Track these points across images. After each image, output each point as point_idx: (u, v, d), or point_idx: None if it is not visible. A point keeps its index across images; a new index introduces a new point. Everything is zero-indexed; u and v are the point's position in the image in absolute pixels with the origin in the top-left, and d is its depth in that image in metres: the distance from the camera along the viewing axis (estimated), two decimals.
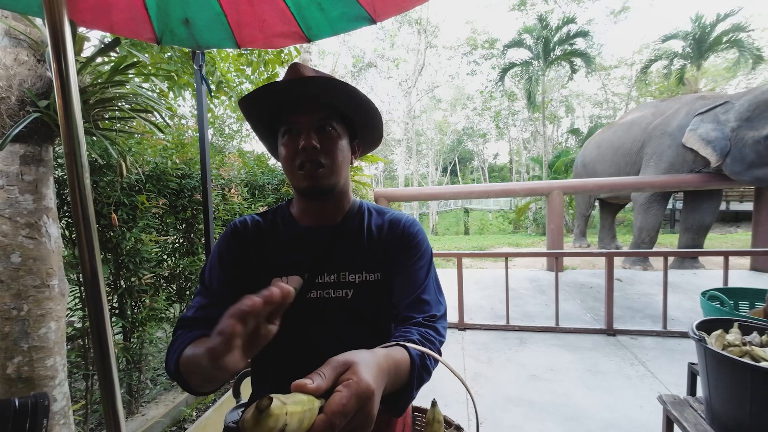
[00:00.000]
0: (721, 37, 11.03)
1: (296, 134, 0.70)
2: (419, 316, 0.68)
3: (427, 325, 0.67)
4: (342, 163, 0.72)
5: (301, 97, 0.70)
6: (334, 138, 0.71)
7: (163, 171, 2.18)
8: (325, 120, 0.70)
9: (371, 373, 0.44)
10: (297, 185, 0.72)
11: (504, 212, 17.71)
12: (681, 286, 4.20)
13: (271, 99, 0.71)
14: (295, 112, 0.70)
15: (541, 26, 12.55)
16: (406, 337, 0.61)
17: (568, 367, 2.54)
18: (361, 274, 0.73)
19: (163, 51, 2.73)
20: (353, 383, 0.40)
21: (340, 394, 0.38)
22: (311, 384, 0.38)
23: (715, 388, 1.16)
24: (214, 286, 0.71)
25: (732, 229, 11.11)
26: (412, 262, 0.74)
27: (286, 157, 0.71)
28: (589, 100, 21.23)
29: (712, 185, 5.13)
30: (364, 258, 0.74)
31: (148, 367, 2.27)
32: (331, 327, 0.71)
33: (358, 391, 0.39)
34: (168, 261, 2.39)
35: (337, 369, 0.42)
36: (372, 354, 0.48)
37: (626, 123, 6.62)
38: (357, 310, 0.72)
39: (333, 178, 0.71)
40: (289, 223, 0.78)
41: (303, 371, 0.64)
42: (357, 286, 0.72)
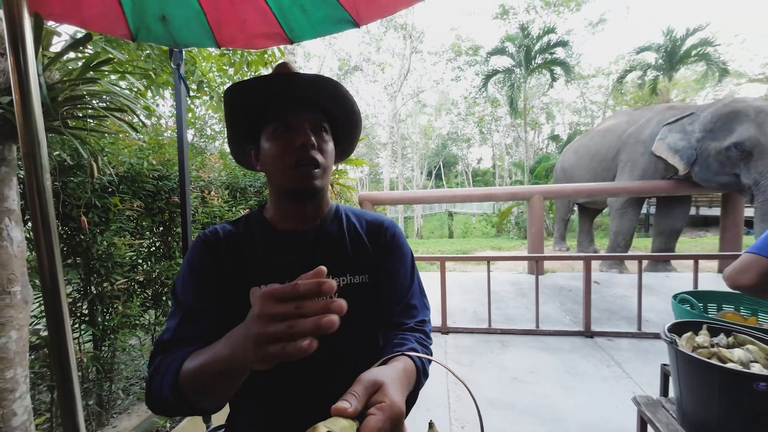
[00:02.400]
0: (690, 50, 11.62)
1: (289, 132, 0.67)
2: (410, 321, 0.71)
3: (419, 330, 0.71)
4: (331, 166, 0.72)
5: (299, 95, 0.68)
6: (326, 140, 0.70)
7: (138, 172, 2.10)
8: (320, 120, 0.70)
9: (399, 392, 0.47)
10: (289, 185, 0.68)
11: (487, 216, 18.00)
12: (655, 289, 4.36)
13: (263, 93, 0.67)
14: (290, 110, 0.67)
15: (523, 35, 12.88)
16: (406, 344, 0.65)
17: (547, 369, 2.58)
18: (345, 277, 0.72)
19: (141, 49, 2.65)
20: (386, 406, 0.43)
21: (376, 418, 0.41)
22: (350, 408, 0.41)
23: (685, 389, 1.20)
24: (189, 301, 0.66)
25: (702, 233, 11.64)
26: (397, 267, 0.75)
27: (277, 155, 0.67)
28: (568, 108, 21.90)
29: (682, 191, 5.37)
30: (347, 261, 0.73)
31: (120, 377, 2.17)
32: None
33: (392, 414, 0.42)
34: (143, 265, 2.31)
35: (369, 389, 0.45)
36: (394, 371, 0.51)
37: (602, 130, 6.86)
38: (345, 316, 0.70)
39: (325, 179, 0.70)
40: (267, 229, 0.74)
41: (292, 379, 0.65)
42: (342, 290, 0.71)
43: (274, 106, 0.68)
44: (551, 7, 16.84)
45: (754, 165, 4.44)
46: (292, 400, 0.67)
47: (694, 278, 3.07)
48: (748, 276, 1.02)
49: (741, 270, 1.04)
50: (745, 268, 1.03)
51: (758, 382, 1.01)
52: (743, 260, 1.04)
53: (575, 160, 7.27)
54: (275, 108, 0.68)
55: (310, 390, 0.67)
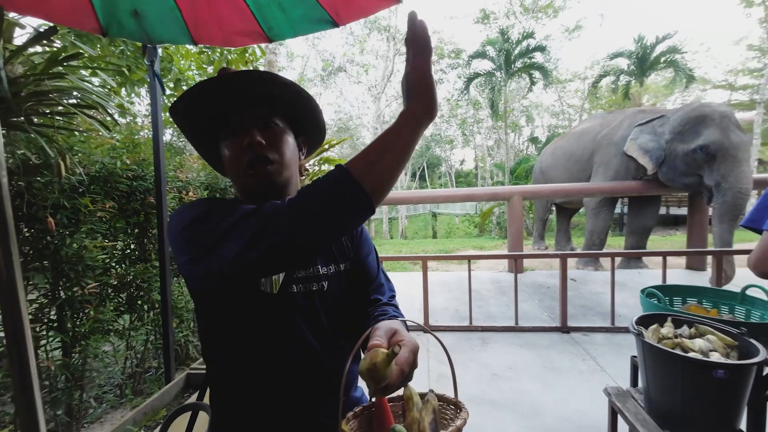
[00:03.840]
0: (659, 57, 12.17)
1: (238, 134, 0.67)
2: (383, 297, 0.82)
3: (391, 304, 0.82)
4: (291, 159, 0.72)
5: (237, 96, 0.67)
6: (278, 133, 0.70)
7: (111, 172, 2.03)
8: (266, 116, 0.69)
9: (408, 334, 0.61)
10: (247, 185, 0.69)
11: (470, 216, 18.25)
12: (627, 285, 4.54)
13: (205, 106, 0.67)
14: (233, 112, 0.67)
15: (503, 39, 13.16)
16: (387, 313, 0.75)
17: (526, 364, 2.65)
18: (331, 266, 0.77)
19: (115, 44, 2.56)
20: (408, 342, 0.56)
21: (403, 350, 0.54)
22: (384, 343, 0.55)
23: (652, 379, 1.26)
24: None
25: (671, 232, 12.19)
26: (367, 254, 0.86)
27: (231, 159, 0.68)
28: (547, 111, 22.49)
29: (652, 191, 5.62)
30: (332, 251, 0.79)
31: (93, 385, 2.09)
32: (312, 319, 0.73)
33: (412, 347, 0.56)
34: (117, 268, 2.23)
35: (388, 333, 0.59)
36: (397, 323, 0.64)
37: (578, 132, 7.09)
38: (332, 300, 0.76)
39: (284, 173, 0.70)
40: None
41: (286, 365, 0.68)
42: (330, 277, 0.76)
43: (219, 112, 0.68)
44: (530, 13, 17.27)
45: (716, 167, 4.69)
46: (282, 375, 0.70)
47: (663, 274, 3.22)
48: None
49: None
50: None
51: (716, 370, 1.08)
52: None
53: (553, 162, 7.48)
54: (221, 116, 0.68)
55: (299, 371, 0.70)
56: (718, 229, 4.68)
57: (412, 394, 0.59)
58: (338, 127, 20.97)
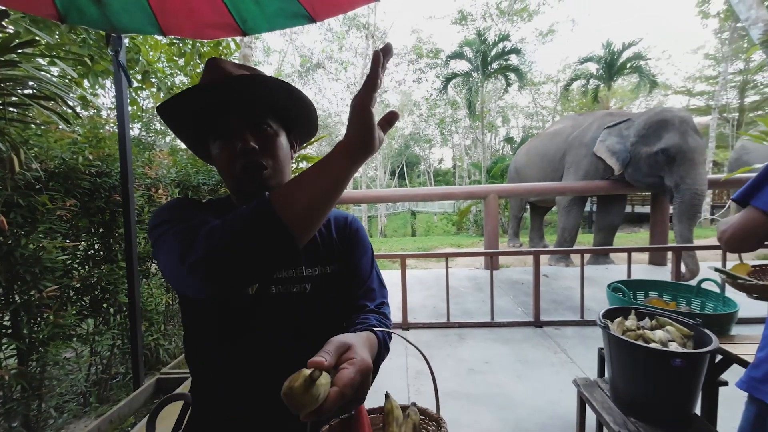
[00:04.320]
0: (625, 63, 12.78)
1: (230, 137, 0.65)
2: (371, 304, 0.77)
3: (378, 311, 0.77)
4: (284, 161, 0.70)
5: (229, 97, 0.65)
6: (272, 136, 0.68)
7: (72, 168, 1.92)
8: (259, 118, 0.67)
9: (366, 351, 0.52)
10: (241, 191, 0.68)
11: (448, 215, 18.52)
12: (596, 280, 4.75)
13: (194, 104, 0.65)
14: (224, 114, 0.65)
15: (480, 41, 13.41)
16: (367, 322, 0.69)
17: (501, 359, 2.72)
18: (317, 268, 0.75)
19: (76, 32, 2.41)
20: (357, 361, 0.48)
21: (348, 371, 0.46)
22: (326, 361, 0.45)
23: (617, 369, 1.33)
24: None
25: (636, 229, 12.87)
26: (360, 256, 0.81)
27: (223, 162, 0.66)
28: (521, 112, 23.13)
29: (619, 191, 5.91)
30: (318, 252, 0.76)
31: (53, 394, 1.97)
32: (292, 322, 0.71)
33: (361, 368, 0.47)
34: (79, 270, 2.11)
35: (339, 349, 0.49)
36: (359, 336, 0.56)
37: (551, 133, 7.34)
38: (315, 302, 0.73)
39: (278, 178, 0.69)
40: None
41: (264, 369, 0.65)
42: (314, 279, 0.73)
43: (208, 112, 0.66)
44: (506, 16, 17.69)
45: (676, 169, 5.00)
46: (259, 385, 0.68)
47: (628, 269, 3.40)
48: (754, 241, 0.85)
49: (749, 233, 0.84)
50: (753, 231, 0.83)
51: (674, 359, 1.15)
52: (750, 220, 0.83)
53: (527, 161, 7.71)
54: (211, 114, 0.66)
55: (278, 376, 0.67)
56: (678, 228, 4.99)
57: (393, 408, 0.57)
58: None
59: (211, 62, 0.66)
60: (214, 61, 0.66)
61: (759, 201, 0.81)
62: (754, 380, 0.86)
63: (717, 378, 1.41)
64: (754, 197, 0.82)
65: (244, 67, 0.69)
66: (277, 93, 0.68)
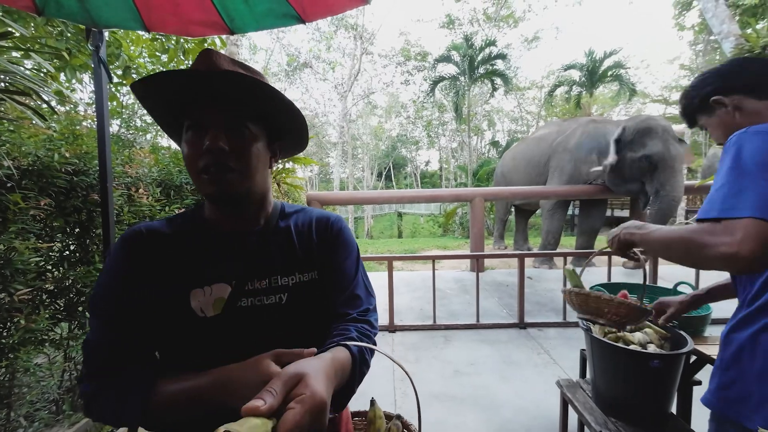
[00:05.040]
0: (606, 71, 13.17)
1: (202, 132, 0.61)
2: (353, 311, 0.71)
3: (362, 320, 0.71)
4: (257, 167, 0.65)
5: (210, 91, 0.60)
6: (247, 139, 0.63)
7: (47, 165, 1.84)
8: (237, 119, 0.62)
9: (322, 382, 0.45)
10: (201, 190, 0.64)
11: (434, 216, 18.67)
12: None
13: (174, 87, 0.61)
14: (200, 107, 0.61)
15: (467, 45, 13.59)
16: (345, 334, 0.64)
17: (486, 360, 2.75)
18: (294, 276, 0.70)
19: (53, 24, 2.32)
20: (307, 398, 0.41)
21: (294, 411, 0.40)
22: (263, 405, 0.39)
23: (598, 370, 1.37)
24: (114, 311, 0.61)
25: None
26: (343, 259, 0.76)
27: (188, 157, 0.62)
28: (507, 116, 23.56)
29: (601, 195, 6.10)
30: (296, 259, 0.72)
31: (22, 402, 1.88)
32: (266, 335, 0.66)
33: (312, 406, 0.41)
34: (54, 272, 2.02)
35: (288, 383, 0.43)
36: (320, 360, 0.50)
37: (536, 138, 7.51)
38: (293, 314, 0.69)
39: (245, 183, 0.64)
40: (207, 229, 0.70)
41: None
42: (291, 289, 0.69)
43: (186, 99, 0.61)
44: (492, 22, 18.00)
45: (657, 176, 5.21)
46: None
47: (608, 271, 3.50)
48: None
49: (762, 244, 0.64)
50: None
51: (653, 360, 1.19)
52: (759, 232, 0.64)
53: (513, 166, 7.85)
54: (188, 102, 0.61)
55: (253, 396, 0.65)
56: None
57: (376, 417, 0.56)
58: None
59: (205, 53, 0.63)
60: (208, 53, 0.63)
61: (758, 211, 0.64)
62: (728, 401, 0.80)
63: (692, 378, 1.47)
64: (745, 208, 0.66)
65: (242, 66, 0.66)
66: (263, 98, 0.64)
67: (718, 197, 0.71)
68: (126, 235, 0.65)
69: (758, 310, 0.77)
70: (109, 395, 0.57)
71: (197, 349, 0.64)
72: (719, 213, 0.70)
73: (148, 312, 0.62)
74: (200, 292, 0.63)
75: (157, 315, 0.62)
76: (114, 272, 0.63)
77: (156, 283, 0.63)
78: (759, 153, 0.69)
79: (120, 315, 0.61)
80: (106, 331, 0.61)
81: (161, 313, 0.62)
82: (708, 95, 0.87)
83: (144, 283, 0.62)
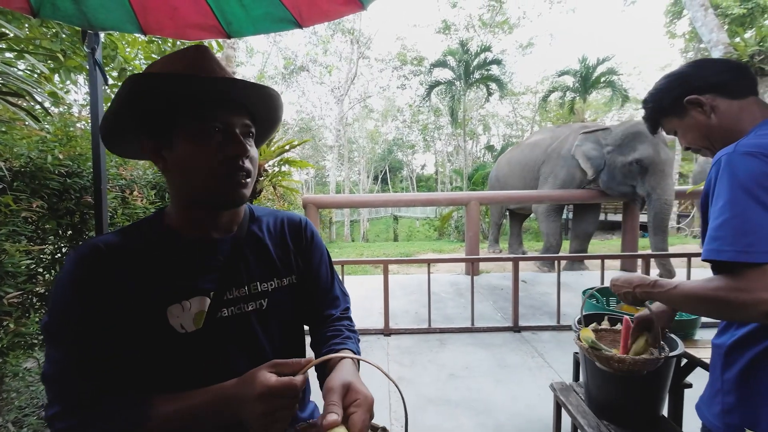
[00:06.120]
0: (599, 77, 13.37)
1: (223, 138, 0.60)
2: (336, 311, 0.78)
3: (345, 317, 0.78)
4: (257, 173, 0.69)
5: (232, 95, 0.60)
6: (253, 146, 0.65)
7: (40, 167, 1.82)
8: (250, 127, 0.64)
9: (362, 384, 0.55)
10: (218, 194, 0.61)
11: (430, 220, 18.70)
12: (571, 286, 4.90)
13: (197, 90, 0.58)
14: (228, 113, 0.60)
15: (463, 51, 13.73)
16: (339, 335, 0.73)
17: (481, 364, 2.76)
18: (273, 281, 0.71)
19: (47, 26, 2.31)
20: (362, 401, 0.51)
21: (358, 414, 0.49)
22: (338, 418, 0.48)
23: (590, 374, 1.38)
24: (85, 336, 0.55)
25: (609, 237, 13.37)
26: (319, 263, 0.79)
27: (205, 161, 0.59)
28: (502, 121, 23.74)
29: (594, 199, 6.18)
30: (274, 265, 0.72)
31: (11, 407, 1.85)
32: (248, 343, 0.66)
33: (367, 405, 0.51)
34: (45, 275, 2.00)
35: (341, 393, 0.52)
36: (349, 367, 0.60)
37: (530, 144, 7.60)
38: (273, 319, 0.70)
39: (251, 187, 0.66)
40: (172, 238, 0.64)
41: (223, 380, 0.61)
42: (271, 294, 0.70)
43: (209, 105, 0.59)
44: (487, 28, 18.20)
45: (647, 179, 5.29)
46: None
47: (601, 275, 3.53)
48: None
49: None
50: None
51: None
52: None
53: (509, 171, 7.92)
54: (209, 108, 0.59)
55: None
56: (653, 240, 5.34)
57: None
58: (300, 128, 20.53)
59: (201, 51, 0.61)
60: (204, 52, 0.62)
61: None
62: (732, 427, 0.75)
63: (682, 381, 1.48)
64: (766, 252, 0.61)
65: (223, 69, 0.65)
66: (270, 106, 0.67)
67: (727, 235, 0.65)
68: (82, 252, 0.57)
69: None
70: (96, 430, 0.52)
71: (179, 366, 0.61)
72: (734, 256, 0.64)
73: (121, 333, 0.56)
74: (178, 308, 0.60)
75: (132, 336, 0.57)
76: (74, 293, 0.55)
77: (126, 302, 0.57)
78: (753, 179, 0.65)
79: (89, 339, 0.54)
80: (74, 359, 0.54)
81: (136, 333, 0.57)
82: (680, 96, 0.84)
83: (112, 303, 0.56)
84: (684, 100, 0.83)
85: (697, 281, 0.73)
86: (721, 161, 0.70)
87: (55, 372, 0.54)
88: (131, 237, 0.62)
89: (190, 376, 0.60)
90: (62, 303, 0.56)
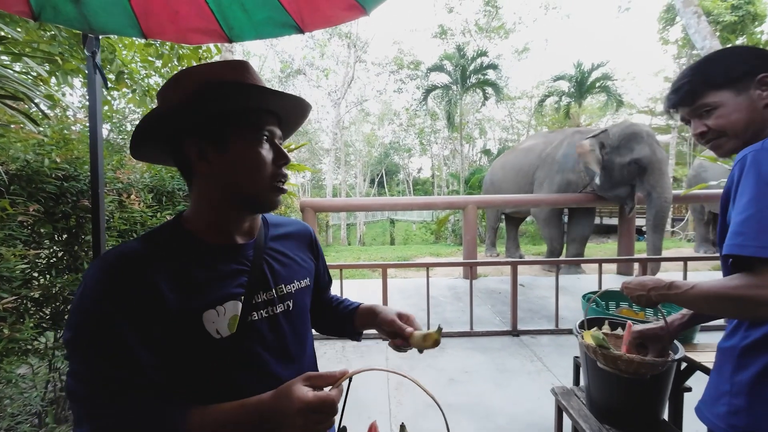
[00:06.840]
0: (594, 82, 13.51)
1: (274, 146, 0.66)
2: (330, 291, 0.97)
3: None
4: None
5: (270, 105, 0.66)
6: None
7: (36, 170, 1.80)
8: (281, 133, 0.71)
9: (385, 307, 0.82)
10: (261, 199, 0.65)
11: (427, 223, 18.71)
12: (569, 289, 4.92)
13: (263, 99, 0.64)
14: (266, 118, 0.65)
15: (459, 55, 13.82)
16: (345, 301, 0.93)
17: (480, 368, 2.76)
18: (295, 283, 0.75)
19: (45, 28, 2.30)
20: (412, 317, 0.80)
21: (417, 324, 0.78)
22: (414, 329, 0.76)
23: (592, 378, 1.38)
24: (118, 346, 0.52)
25: (604, 240, 13.46)
26: (323, 265, 0.92)
27: (258, 166, 0.63)
28: (498, 125, 23.87)
29: (590, 203, 6.24)
30: (294, 267, 0.76)
31: (3, 414, 1.81)
32: (278, 343, 0.68)
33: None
34: (40, 279, 1.97)
35: (403, 319, 0.79)
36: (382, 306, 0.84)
37: (525, 149, 7.66)
38: (298, 319, 0.74)
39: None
40: (197, 244, 0.64)
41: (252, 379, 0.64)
42: (294, 296, 0.74)
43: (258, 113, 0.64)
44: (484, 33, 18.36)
45: (647, 179, 5.38)
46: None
47: (599, 279, 3.54)
48: None
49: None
50: None
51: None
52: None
53: (503, 175, 7.97)
54: (259, 116, 0.63)
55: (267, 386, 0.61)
56: (651, 238, 5.36)
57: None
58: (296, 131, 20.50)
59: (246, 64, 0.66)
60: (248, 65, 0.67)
61: None
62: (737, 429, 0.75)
63: (682, 384, 1.49)
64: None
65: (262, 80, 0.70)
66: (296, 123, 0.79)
67: (750, 230, 0.65)
68: (109, 261, 0.56)
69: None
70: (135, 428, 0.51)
71: (215, 372, 0.60)
72: (757, 251, 0.63)
73: (156, 344, 0.55)
74: (213, 313, 0.60)
75: (167, 345, 0.56)
76: (103, 305, 0.53)
77: (160, 312, 0.55)
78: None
79: (122, 353, 0.52)
80: (105, 375, 0.51)
81: (172, 342, 0.56)
82: (753, 71, 0.77)
83: (146, 313, 0.54)
84: (759, 75, 0.77)
85: (715, 280, 0.73)
86: (747, 158, 0.69)
87: (84, 389, 0.51)
88: (155, 244, 0.61)
89: (224, 381, 0.61)
90: (90, 315, 0.53)
